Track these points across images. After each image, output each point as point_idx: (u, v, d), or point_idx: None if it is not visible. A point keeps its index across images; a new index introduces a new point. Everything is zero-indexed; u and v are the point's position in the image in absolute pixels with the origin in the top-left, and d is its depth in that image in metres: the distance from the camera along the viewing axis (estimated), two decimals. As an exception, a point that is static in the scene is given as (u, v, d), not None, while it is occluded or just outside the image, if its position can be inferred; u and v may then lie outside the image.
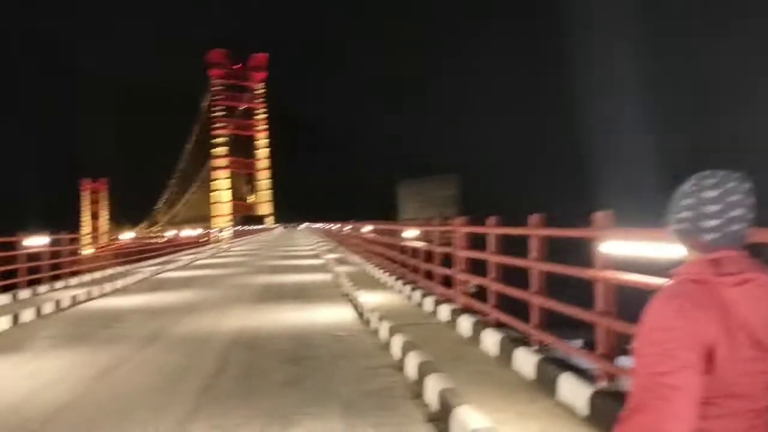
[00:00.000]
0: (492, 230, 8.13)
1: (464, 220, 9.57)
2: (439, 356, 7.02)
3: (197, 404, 5.99)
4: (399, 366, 7.27)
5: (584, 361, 5.90)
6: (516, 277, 8.01)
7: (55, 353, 8.74)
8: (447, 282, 10.65)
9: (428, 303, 10.71)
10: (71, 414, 5.80)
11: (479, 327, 7.99)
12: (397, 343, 7.82)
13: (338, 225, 39.14)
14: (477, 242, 9.41)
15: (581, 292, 6.34)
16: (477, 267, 9.30)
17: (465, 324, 8.54)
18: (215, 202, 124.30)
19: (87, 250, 21.74)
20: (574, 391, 5.23)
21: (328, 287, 16.35)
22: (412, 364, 6.75)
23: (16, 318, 11.22)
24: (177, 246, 34.01)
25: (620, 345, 5.17)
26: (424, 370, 6.25)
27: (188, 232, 38.97)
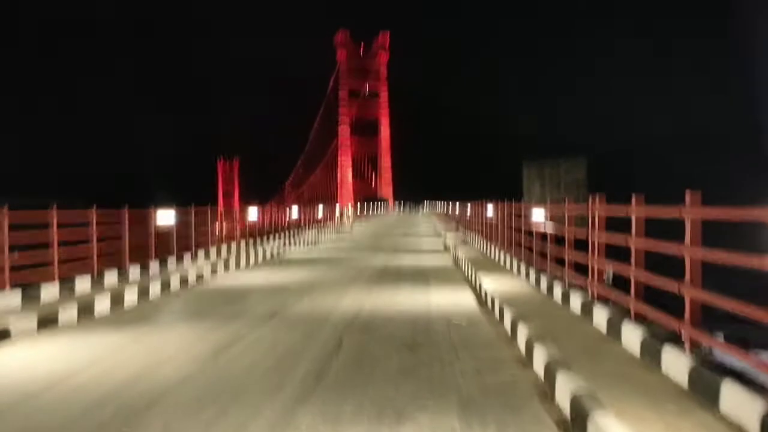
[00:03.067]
0: (638, 211, 7.17)
1: (604, 200, 8.62)
2: (572, 352, 6.31)
3: (306, 390, 5.67)
4: (525, 361, 6.60)
5: (751, 367, 4.97)
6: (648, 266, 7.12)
7: (175, 329, 8.85)
8: (579, 269, 9.76)
9: (557, 291, 9.89)
10: (183, 392, 5.68)
11: (618, 320, 7.13)
12: (522, 335, 7.14)
13: (459, 206, 38.47)
14: (611, 228, 8.49)
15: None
16: (612, 254, 8.40)
17: (601, 316, 7.69)
18: (339, 183, 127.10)
19: (218, 227, 22.49)
20: (741, 405, 4.37)
21: (448, 270, 15.85)
22: (540, 360, 6.06)
23: (145, 292, 11.53)
24: (302, 225, 34.68)
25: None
26: (554, 367, 5.56)
27: (313, 212, 39.73)
